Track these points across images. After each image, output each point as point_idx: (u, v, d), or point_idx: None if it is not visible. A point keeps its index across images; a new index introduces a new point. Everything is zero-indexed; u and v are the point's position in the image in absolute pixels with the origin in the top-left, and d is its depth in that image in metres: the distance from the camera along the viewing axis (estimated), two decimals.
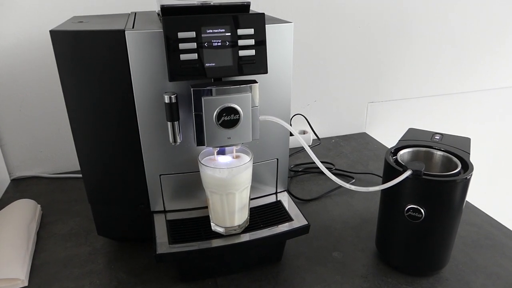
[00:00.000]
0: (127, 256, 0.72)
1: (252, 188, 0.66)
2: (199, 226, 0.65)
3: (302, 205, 0.87)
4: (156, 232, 0.64)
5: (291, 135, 0.70)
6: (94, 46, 0.57)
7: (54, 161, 1.02)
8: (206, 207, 0.65)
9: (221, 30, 0.56)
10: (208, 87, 0.56)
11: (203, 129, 0.58)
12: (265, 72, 0.60)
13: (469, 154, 0.65)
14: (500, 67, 1.36)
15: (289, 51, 0.64)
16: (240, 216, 0.63)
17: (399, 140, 0.71)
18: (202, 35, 0.55)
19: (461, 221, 0.65)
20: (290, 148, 0.92)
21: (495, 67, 1.35)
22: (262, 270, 0.68)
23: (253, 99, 0.59)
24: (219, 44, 0.56)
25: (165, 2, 0.56)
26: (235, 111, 0.57)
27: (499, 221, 0.80)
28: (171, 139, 0.60)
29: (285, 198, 0.73)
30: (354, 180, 0.97)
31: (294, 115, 1.14)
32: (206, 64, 0.57)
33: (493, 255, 0.71)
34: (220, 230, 0.63)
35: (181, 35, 0.55)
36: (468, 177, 0.59)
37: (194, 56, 0.56)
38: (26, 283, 0.66)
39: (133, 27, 0.58)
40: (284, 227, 0.65)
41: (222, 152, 0.64)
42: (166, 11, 0.56)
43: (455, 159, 0.64)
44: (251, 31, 0.57)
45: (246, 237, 0.63)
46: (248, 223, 0.65)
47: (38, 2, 0.88)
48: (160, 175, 0.66)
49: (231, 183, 0.59)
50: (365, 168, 1.03)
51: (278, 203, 0.72)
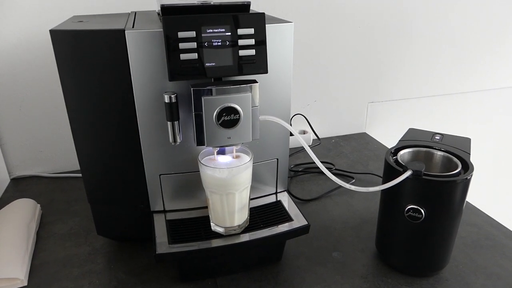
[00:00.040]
0: (127, 256, 0.72)
1: (252, 188, 0.66)
2: (199, 226, 0.65)
3: (302, 205, 0.87)
4: (156, 232, 0.64)
5: (291, 135, 0.70)
6: (94, 46, 0.57)
7: (54, 161, 1.02)
8: (206, 207, 0.65)
9: (221, 30, 0.56)
10: (208, 87, 0.56)
11: (203, 129, 0.58)
12: (265, 72, 0.60)
13: (470, 155, 0.65)
14: (500, 67, 1.36)
15: (289, 51, 0.64)
16: (240, 216, 0.63)
17: (399, 140, 0.71)
18: (202, 35, 0.55)
19: (461, 222, 0.65)
20: (290, 148, 0.92)
21: (495, 67, 1.35)
22: (262, 270, 0.68)
23: (253, 99, 0.59)
24: (219, 44, 0.56)
25: (165, 2, 0.56)
26: (235, 111, 0.57)
27: (499, 222, 0.80)
28: (171, 139, 0.60)
29: (285, 198, 0.73)
30: (354, 180, 0.97)
31: (294, 115, 1.14)
32: (206, 64, 0.56)
33: (493, 256, 0.71)
34: (220, 230, 0.63)
35: (181, 35, 0.55)
36: (469, 178, 0.59)
37: (194, 56, 0.56)
38: (26, 283, 0.66)
39: (133, 27, 0.58)
40: (284, 227, 0.65)
41: (222, 152, 0.64)
42: (166, 11, 0.56)
43: (456, 160, 0.64)
44: (251, 31, 0.57)
45: (246, 237, 0.63)
46: (248, 223, 0.65)
47: (38, 2, 0.88)
48: (160, 175, 0.66)
49: (231, 183, 0.59)
50: (365, 168, 1.03)
51: (278, 203, 0.72)
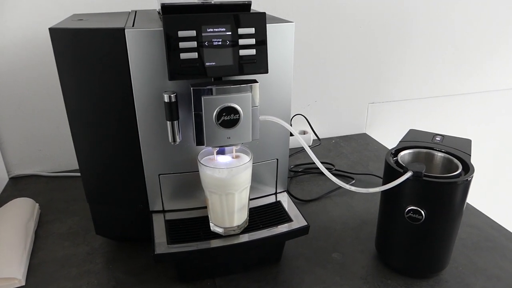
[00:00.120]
0: (125, 256, 0.72)
1: (252, 189, 0.66)
2: (198, 226, 0.65)
3: (302, 206, 0.87)
4: (155, 232, 0.64)
5: (291, 135, 0.70)
6: (94, 44, 0.57)
7: (53, 160, 1.02)
8: (205, 207, 0.65)
9: (222, 29, 0.56)
10: (208, 87, 0.56)
11: (203, 129, 0.57)
12: (266, 72, 0.59)
13: (470, 156, 0.65)
14: (502, 68, 1.36)
15: (290, 51, 0.64)
16: (240, 217, 0.63)
17: (400, 141, 0.70)
18: (203, 34, 0.55)
19: (462, 223, 0.65)
20: (290, 148, 0.91)
21: (497, 68, 1.35)
22: (261, 271, 0.68)
23: (253, 99, 0.58)
24: (220, 43, 0.56)
25: (166, 1, 0.56)
26: (235, 111, 0.57)
27: (500, 223, 0.80)
28: (171, 139, 0.60)
29: (285, 199, 0.73)
30: (354, 181, 0.97)
31: (294, 115, 1.14)
32: (206, 63, 0.56)
33: (494, 257, 0.71)
34: (219, 231, 0.63)
35: (182, 34, 0.54)
36: (469, 179, 0.59)
37: (194, 55, 0.55)
38: (23, 283, 0.65)
39: (133, 26, 0.58)
40: (284, 228, 0.65)
41: (222, 152, 0.63)
42: (167, 10, 0.55)
43: (456, 161, 0.63)
44: (252, 31, 0.57)
45: (245, 238, 0.63)
46: (248, 224, 0.65)
47: (38, 0, 0.88)
48: (159, 175, 0.66)
49: (231, 183, 0.59)
50: (365, 169, 1.03)
51: (278, 204, 0.72)
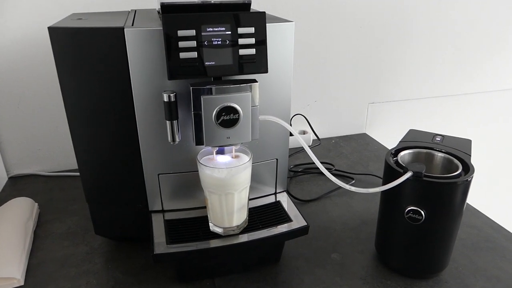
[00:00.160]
0: (125, 256, 0.71)
1: (251, 188, 0.65)
2: (197, 226, 0.65)
3: (302, 206, 0.87)
4: (154, 232, 0.63)
5: (291, 135, 0.69)
6: (93, 43, 0.57)
7: (52, 159, 1.02)
8: (205, 207, 0.64)
9: (222, 29, 0.56)
10: (208, 86, 0.56)
11: (202, 129, 0.57)
12: (266, 72, 0.59)
13: (470, 156, 0.64)
14: (502, 69, 1.36)
15: (290, 51, 0.64)
16: (239, 217, 0.63)
17: (400, 141, 0.70)
18: (202, 34, 0.55)
19: (461, 223, 0.64)
20: (290, 148, 0.91)
21: (497, 68, 1.35)
22: (261, 271, 0.68)
23: (253, 99, 0.58)
24: (219, 43, 0.56)
25: (165, 0, 0.56)
26: (235, 111, 0.57)
27: (500, 224, 0.80)
28: (170, 138, 0.60)
29: (284, 199, 0.73)
30: (354, 181, 0.97)
31: (294, 115, 1.14)
32: (206, 63, 0.56)
33: (493, 258, 0.71)
34: (219, 231, 0.63)
35: (181, 33, 0.54)
36: (469, 179, 0.59)
37: (194, 55, 0.55)
38: (22, 282, 0.65)
39: (133, 25, 0.58)
40: (283, 228, 0.65)
41: (221, 152, 0.63)
42: (166, 9, 0.55)
43: (456, 161, 0.63)
44: (252, 30, 0.57)
45: (245, 238, 0.63)
46: (247, 224, 0.65)
47: (38, 0, 0.88)
48: (159, 175, 0.66)
49: (230, 183, 0.59)
50: (365, 169, 1.03)
51: (277, 204, 0.71)
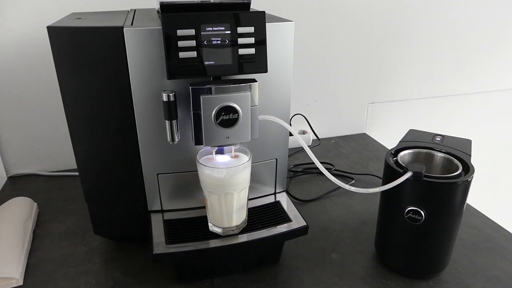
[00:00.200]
0: (124, 256, 0.71)
1: (251, 188, 0.65)
2: (197, 226, 0.65)
3: (301, 206, 0.87)
4: (153, 232, 0.63)
5: (291, 135, 0.69)
6: (92, 43, 0.57)
7: (52, 159, 1.02)
8: (204, 207, 0.64)
9: (221, 28, 0.55)
10: (207, 86, 0.56)
11: (202, 128, 0.57)
12: (265, 71, 0.59)
13: (470, 156, 0.64)
14: (502, 69, 1.36)
15: (290, 50, 0.64)
16: (238, 217, 0.63)
17: (400, 141, 0.70)
18: (202, 33, 0.55)
19: (461, 224, 0.64)
20: (290, 148, 0.91)
21: (497, 68, 1.35)
22: (260, 271, 0.68)
23: (253, 98, 0.58)
24: (219, 42, 0.56)
25: None
26: (234, 110, 0.57)
27: (500, 224, 0.80)
28: (169, 138, 0.60)
29: (284, 199, 0.73)
30: (354, 181, 0.96)
31: (294, 115, 1.14)
32: (206, 62, 0.56)
33: (493, 258, 0.71)
34: (218, 231, 0.63)
35: (180, 33, 0.54)
36: (469, 180, 0.59)
37: (193, 54, 0.55)
38: (21, 282, 0.65)
39: (132, 24, 0.58)
40: (283, 228, 0.65)
41: (221, 152, 0.63)
42: (166, 8, 0.55)
43: (456, 161, 0.63)
44: (251, 30, 0.57)
45: (244, 238, 0.63)
46: (246, 224, 0.65)
47: (38, 0, 0.88)
48: (158, 174, 0.66)
49: (229, 183, 0.59)
50: (365, 169, 1.03)
51: (277, 204, 0.71)
